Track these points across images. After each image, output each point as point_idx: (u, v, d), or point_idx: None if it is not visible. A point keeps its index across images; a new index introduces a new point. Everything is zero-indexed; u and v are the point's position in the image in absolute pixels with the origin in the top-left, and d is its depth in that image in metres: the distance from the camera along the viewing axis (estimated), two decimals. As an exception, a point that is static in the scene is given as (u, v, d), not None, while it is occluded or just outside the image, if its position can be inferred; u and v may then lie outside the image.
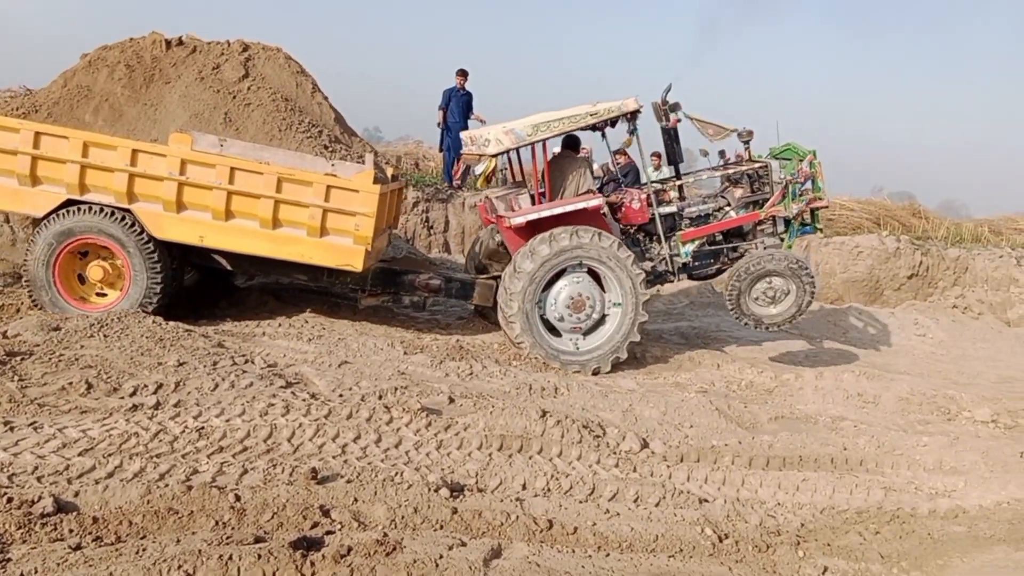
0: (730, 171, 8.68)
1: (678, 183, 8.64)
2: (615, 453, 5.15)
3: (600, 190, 8.91)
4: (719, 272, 8.62)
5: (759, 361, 8.76)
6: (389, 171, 8.43)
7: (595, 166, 11.94)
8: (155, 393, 5.07)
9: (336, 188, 6.97)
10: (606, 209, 7.96)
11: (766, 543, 4.16)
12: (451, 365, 6.84)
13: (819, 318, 11.70)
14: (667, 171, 13.15)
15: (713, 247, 8.36)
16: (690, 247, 8.19)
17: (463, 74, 12.44)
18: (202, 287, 8.52)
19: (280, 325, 7.53)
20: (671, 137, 8.31)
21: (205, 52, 8.09)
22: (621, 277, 7.58)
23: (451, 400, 5.76)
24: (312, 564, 3.12)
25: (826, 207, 8.75)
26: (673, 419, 6.03)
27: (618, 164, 11.40)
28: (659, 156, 13.50)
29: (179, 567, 2.94)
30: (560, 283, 7.64)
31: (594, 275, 7.70)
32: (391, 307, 9.33)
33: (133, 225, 6.90)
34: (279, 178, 6.87)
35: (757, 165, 8.47)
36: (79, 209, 6.86)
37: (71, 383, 5.03)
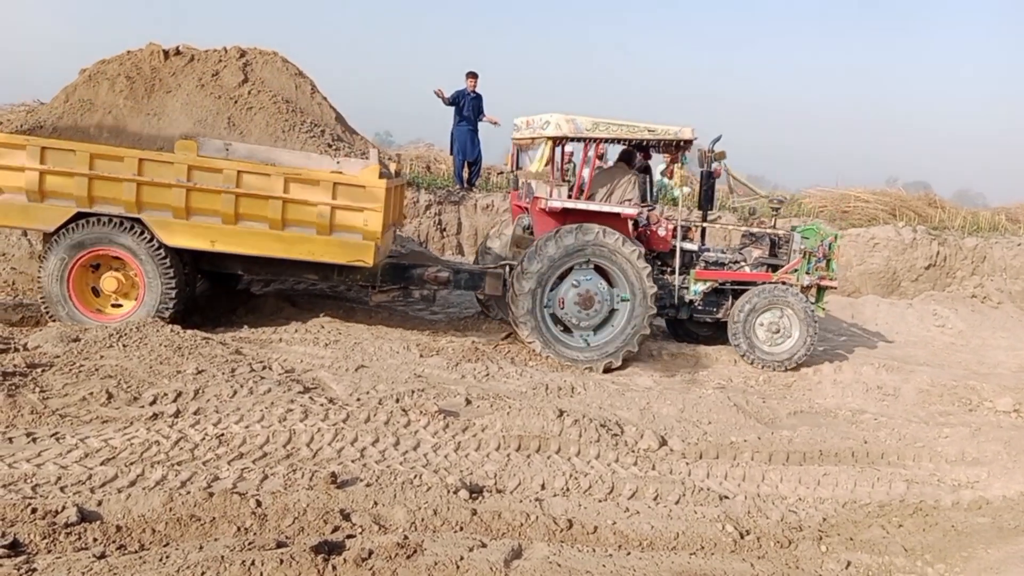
0: (754, 231, 9.10)
1: (703, 225, 9.00)
2: (633, 451, 5.14)
3: None
4: (717, 325, 8.74)
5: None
6: (393, 167, 8.45)
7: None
8: (175, 401, 5.10)
9: (343, 185, 6.98)
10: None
11: (788, 538, 4.14)
12: (467, 367, 6.85)
13: (836, 311, 11.63)
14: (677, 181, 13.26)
15: (719, 292, 8.54)
16: (700, 287, 8.37)
17: (473, 76, 12.44)
18: (218, 295, 8.58)
19: (296, 331, 7.56)
20: (709, 183, 8.58)
21: (203, 60, 8.14)
22: (628, 271, 7.61)
23: (468, 402, 5.77)
24: (334, 568, 3.13)
25: (834, 288, 9.08)
26: (691, 416, 6.01)
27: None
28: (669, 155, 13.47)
29: (202, 573, 2.96)
30: (568, 280, 7.68)
31: (602, 272, 7.72)
32: (406, 311, 9.36)
33: (144, 234, 6.93)
34: (286, 178, 6.89)
35: (782, 232, 8.87)
36: (89, 221, 6.89)
37: (92, 393, 5.08)
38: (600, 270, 7.73)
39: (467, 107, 12.36)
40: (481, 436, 5.03)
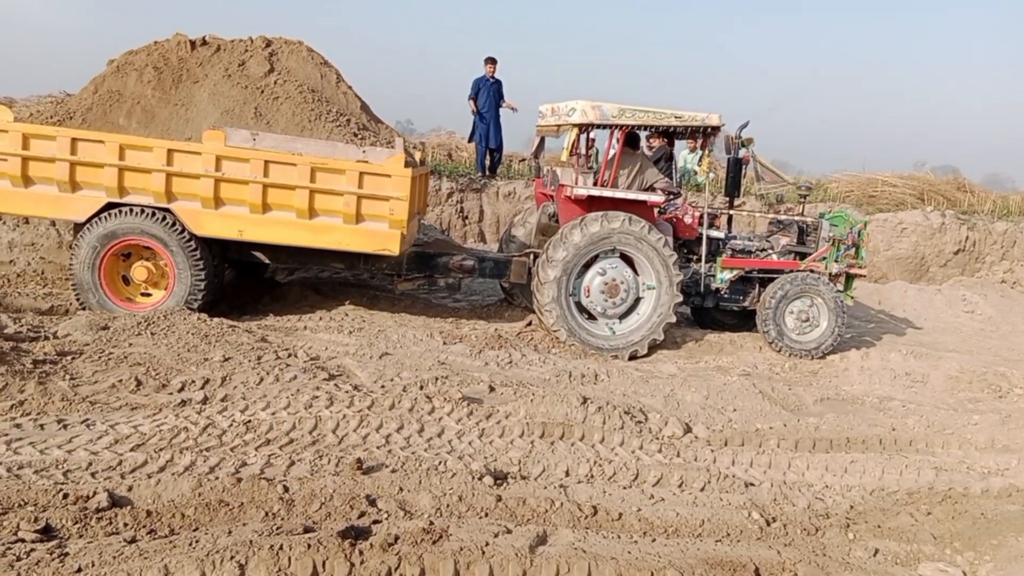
0: (782, 218, 9.00)
1: (730, 212, 8.94)
2: (658, 438, 5.12)
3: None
4: (743, 314, 8.71)
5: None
6: (418, 155, 8.45)
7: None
8: (202, 388, 5.16)
9: (369, 174, 7.01)
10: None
11: (815, 526, 4.11)
12: (490, 354, 6.86)
13: (863, 297, 11.50)
14: (699, 154, 13.15)
15: (746, 280, 8.48)
16: (727, 274, 8.31)
17: (492, 62, 12.38)
18: (244, 283, 8.65)
19: (321, 319, 7.61)
20: (735, 170, 8.50)
21: (229, 50, 8.18)
22: (653, 259, 7.57)
23: (492, 389, 5.78)
24: (361, 553, 3.15)
25: (863, 276, 9.00)
26: (716, 403, 5.98)
27: (652, 148, 11.29)
28: (695, 139, 13.36)
29: (231, 558, 2.99)
30: (594, 269, 7.66)
31: (627, 260, 7.69)
32: (429, 298, 9.38)
33: (174, 224, 7.01)
34: (312, 168, 6.92)
35: (810, 219, 8.79)
36: (120, 211, 6.98)
37: (121, 380, 5.14)
38: (625, 258, 7.70)
39: (487, 94, 12.31)
40: (505, 423, 5.04)
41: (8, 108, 7.09)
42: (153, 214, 6.99)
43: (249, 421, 4.68)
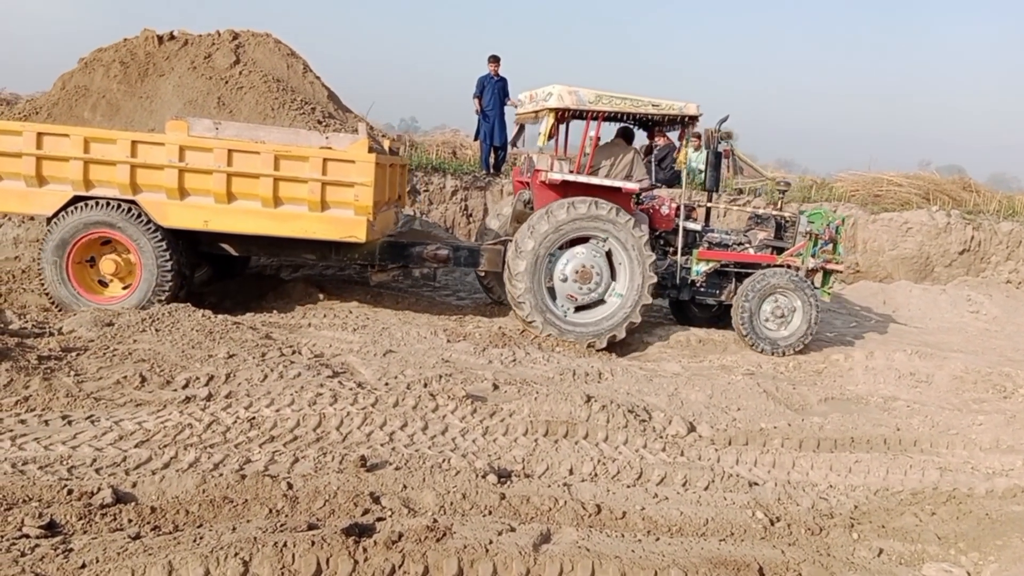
0: (760, 212, 9.01)
1: (708, 205, 8.91)
2: (662, 437, 5.12)
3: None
4: (719, 308, 8.74)
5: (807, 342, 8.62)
6: (386, 143, 8.41)
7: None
8: (207, 385, 5.17)
9: (332, 160, 6.99)
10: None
11: (819, 525, 4.10)
12: (494, 352, 6.86)
13: (868, 296, 11.48)
14: (703, 155, 13.13)
15: (722, 274, 8.47)
16: (703, 267, 8.30)
17: (495, 60, 12.35)
18: (249, 280, 8.67)
19: (325, 316, 7.61)
20: (715, 164, 8.51)
21: (197, 43, 8.17)
22: (626, 242, 7.58)
23: (495, 387, 5.78)
24: (365, 550, 3.15)
25: (840, 272, 8.96)
26: (720, 402, 5.97)
27: (657, 145, 11.27)
28: (699, 137, 13.35)
29: (236, 554, 2.99)
30: (561, 260, 7.68)
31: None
32: (433, 296, 9.38)
33: (140, 216, 7.00)
34: (276, 155, 6.90)
35: (787, 214, 8.77)
36: (87, 205, 6.97)
37: (125, 377, 5.15)
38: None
39: (492, 92, 12.29)
40: (509, 421, 5.04)
41: None
42: (119, 206, 6.98)
43: (253, 418, 4.68)
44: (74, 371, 5.23)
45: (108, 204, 6.98)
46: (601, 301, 7.82)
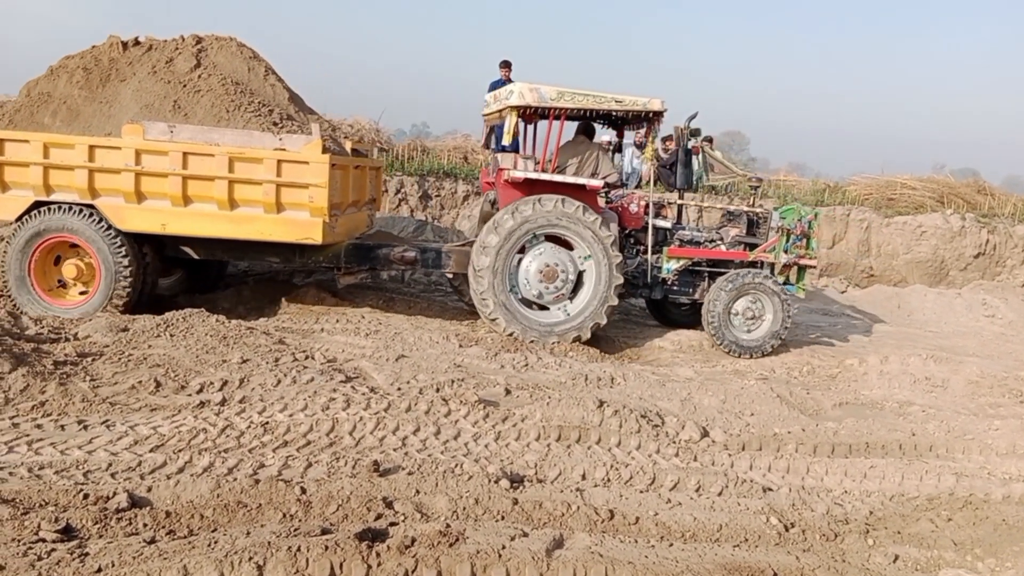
0: (731, 208, 8.96)
1: (679, 203, 8.84)
2: (675, 442, 5.10)
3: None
4: (691, 307, 8.70)
5: (820, 346, 8.58)
6: (348, 144, 8.38)
7: (629, 150, 11.92)
8: (221, 390, 5.19)
9: (286, 162, 7.00)
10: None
11: (834, 531, 4.08)
12: (506, 357, 6.86)
13: (882, 300, 11.42)
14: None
15: (695, 272, 8.42)
16: (674, 264, 8.25)
17: (507, 66, 12.35)
18: (261, 285, 8.72)
19: (338, 321, 7.64)
20: (685, 161, 8.51)
21: (160, 48, 8.18)
22: (589, 240, 7.55)
23: (508, 392, 5.78)
24: (378, 555, 3.16)
25: (814, 268, 8.85)
26: (733, 407, 5.95)
27: (667, 151, 11.26)
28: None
29: (250, 559, 3.01)
30: (525, 259, 7.65)
31: (567, 246, 7.70)
32: (445, 301, 9.39)
33: (99, 220, 7.06)
34: (231, 158, 6.93)
35: (759, 210, 8.70)
36: (48, 209, 7.06)
37: (140, 382, 5.19)
38: (565, 244, 7.70)
39: None
40: (521, 426, 5.04)
41: None
42: (80, 211, 7.06)
43: (267, 423, 4.71)
44: (90, 376, 5.27)
45: (68, 209, 7.07)
46: (568, 300, 7.78)
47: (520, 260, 7.65)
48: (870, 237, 14.13)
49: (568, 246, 7.68)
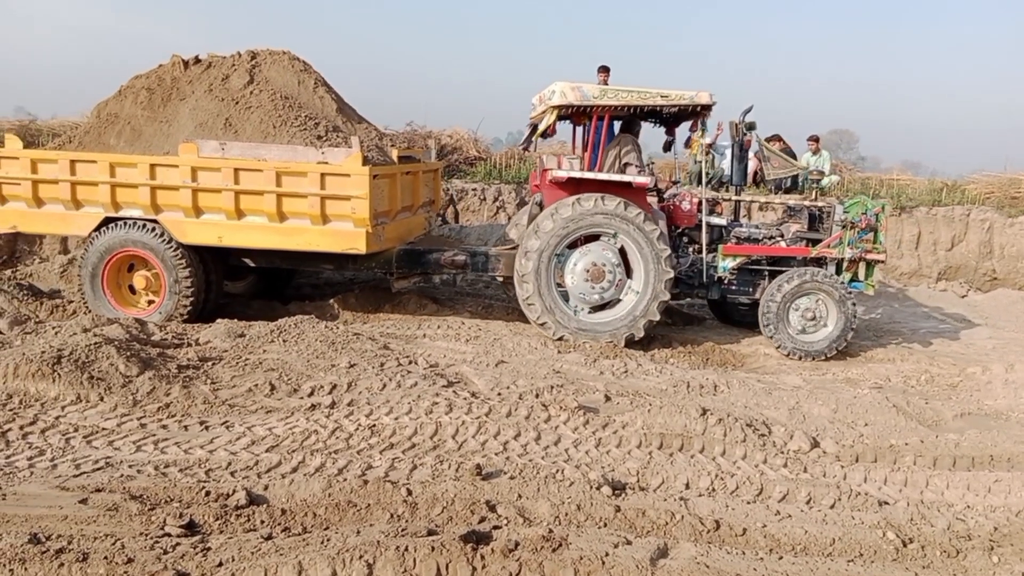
0: (791, 203, 8.58)
1: (735, 199, 8.57)
2: (783, 453, 4.95)
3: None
4: (752, 307, 8.29)
5: (939, 354, 8.14)
6: (394, 153, 8.47)
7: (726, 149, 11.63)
8: (330, 393, 5.39)
9: (329, 175, 7.18)
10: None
11: (955, 548, 3.86)
12: (605, 363, 6.82)
13: (1007, 305, 10.75)
14: (823, 157, 12.62)
15: (755, 271, 8.11)
16: (730, 262, 7.97)
17: (605, 70, 12.23)
18: (366, 292, 8.98)
19: (439, 327, 7.79)
20: (740, 156, 8.23)
21: (218, 66, 8.46)
22: (636, 236, 7.40)
23: (607, 398, 5.75)
24: (482, 557, 3.20)
25: (882, 262, 8.33)
26: (845, 417, 5.72)
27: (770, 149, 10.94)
28: (817, 140, 12.88)
29: (360, 557, 3.10)
30: (572, 258, 7.57)
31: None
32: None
33: (162, 234, 7.47)
34: (277, 172, 7.17)
35: (821, 204, 8.30)
36: (117, 225, 7.53)
37: (257, 385, 5.44)
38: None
39: None
40: (622, 433, 5.00)
41: (17, 137, 7.78)
42: (144, 225, 7.47)
43: (374, 425, 4.85)
44: (210, 379, 5.56)
45: (135, 224, 7.51)
46: (618, 300, 7.65)
47: (566, 261, 7.62)
48: (992, 238, 13.33)
49: (621, 250, 7.60)
